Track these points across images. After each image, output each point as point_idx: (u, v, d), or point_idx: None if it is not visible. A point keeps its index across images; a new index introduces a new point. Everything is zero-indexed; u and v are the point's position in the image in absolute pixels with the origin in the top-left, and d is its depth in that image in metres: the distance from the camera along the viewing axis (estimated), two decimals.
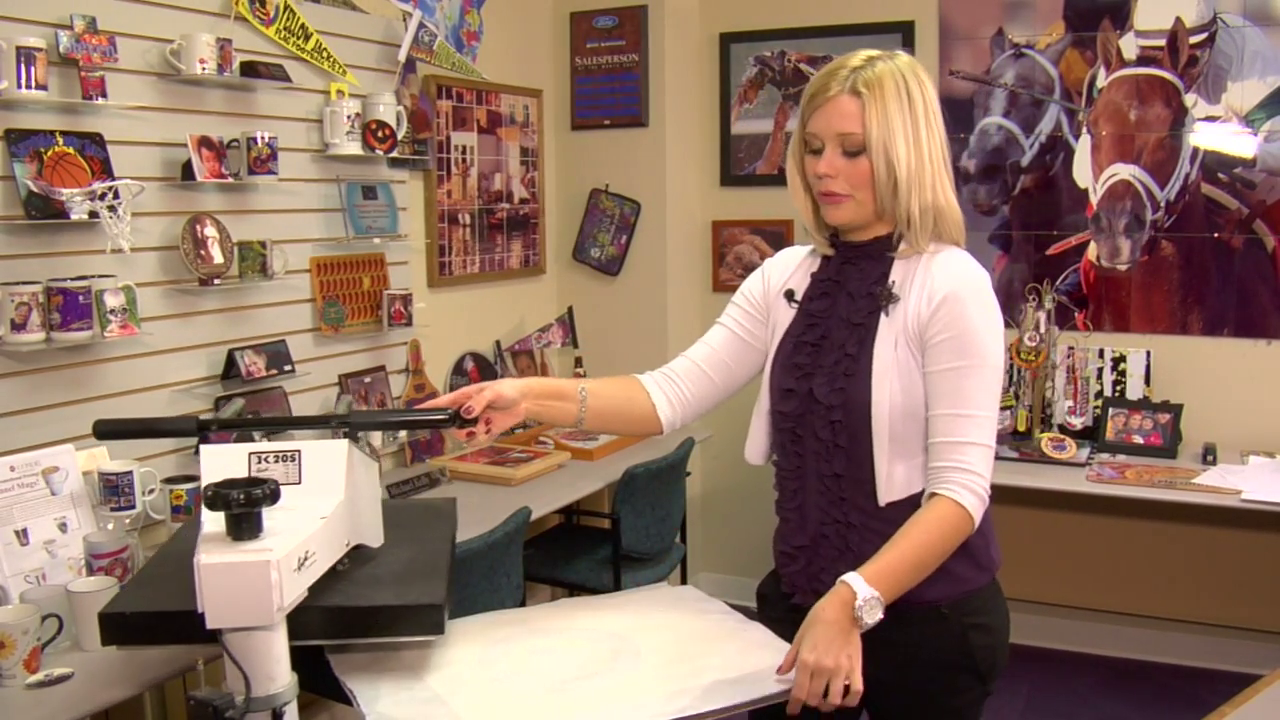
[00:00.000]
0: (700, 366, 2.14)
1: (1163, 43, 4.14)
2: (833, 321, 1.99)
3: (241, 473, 1.58)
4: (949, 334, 1.86)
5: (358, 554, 1.71)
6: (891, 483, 1.90)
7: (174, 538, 1.87)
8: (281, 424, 2.44)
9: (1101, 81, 4.25)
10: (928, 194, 1.89)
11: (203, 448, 1.61)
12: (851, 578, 1.74)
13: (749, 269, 4.88)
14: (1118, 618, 4.46)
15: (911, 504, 1.88)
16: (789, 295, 2.07)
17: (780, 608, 2.05)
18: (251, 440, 2.18)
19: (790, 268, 2.12)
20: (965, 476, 1.83)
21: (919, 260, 1.93)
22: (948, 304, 1.86)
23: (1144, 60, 4.19)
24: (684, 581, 4.47)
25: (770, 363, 2.07)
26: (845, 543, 1.94)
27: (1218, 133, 4.11)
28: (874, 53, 1.93)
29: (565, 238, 4.95)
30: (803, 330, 2.02)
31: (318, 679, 1.78)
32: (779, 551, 2.08)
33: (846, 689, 1.67)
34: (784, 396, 2.01)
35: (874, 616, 1.72)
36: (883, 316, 1.92)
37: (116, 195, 2.76)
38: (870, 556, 1.79)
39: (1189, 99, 4.13)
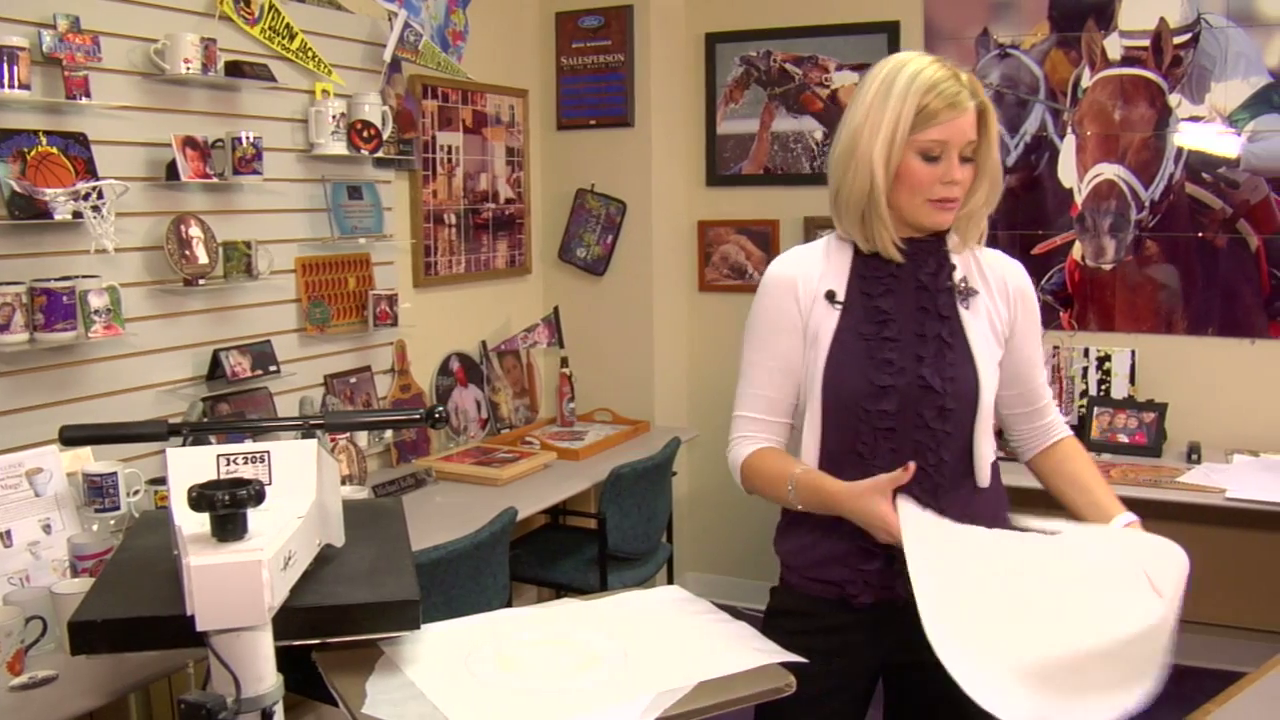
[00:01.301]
0: (772, 420, 2.15)
1: (1147, 43, 4.15)
2: (908, 315, 2.03)
3: (210, 475, 1.57)
4: (1032, 319, 2.12)
5: (321, 554, 1.71)
6: (987, 463, 2.06)
7: (122, 546, 1.85)
8: (252, 426, 2.42)
9: (1086, 81, 4.26)
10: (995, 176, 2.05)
11: (169, 451, 1.61)
12: (1125, 518, 2.06)
13: (735, 269, 4.93)
14: None
15: (995, 475, 2.10)
16: (830, 296, 2.05)
17: (821, 617, 2.06)
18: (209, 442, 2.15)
19: (815, 270, 2.08)
20: (1061, 418, 2.22)
21: (968, 254, 2.09)
22: (1024, 296, 2.11)
23: (1128, 60, 4.20)
24: (670, 581, 4.47)
25: (823, 368, 2.02)
26: None
27: (1202, 133, 4.13)
28: (931, 56, 2.01)
29: (551, 238, 4.94)
30: (877, 329, 2.01)
31: (301, 680, 1.78)
32: (849, 550, 2.02)
33: None
34: (880, 394, 1.98)
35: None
36: (962, 309, 2.04)
37: (100, 195, 2.75)
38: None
39: (1173, 99, 4.14)
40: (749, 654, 1.78)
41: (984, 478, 2.04)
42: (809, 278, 2.07)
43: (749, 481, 2.14)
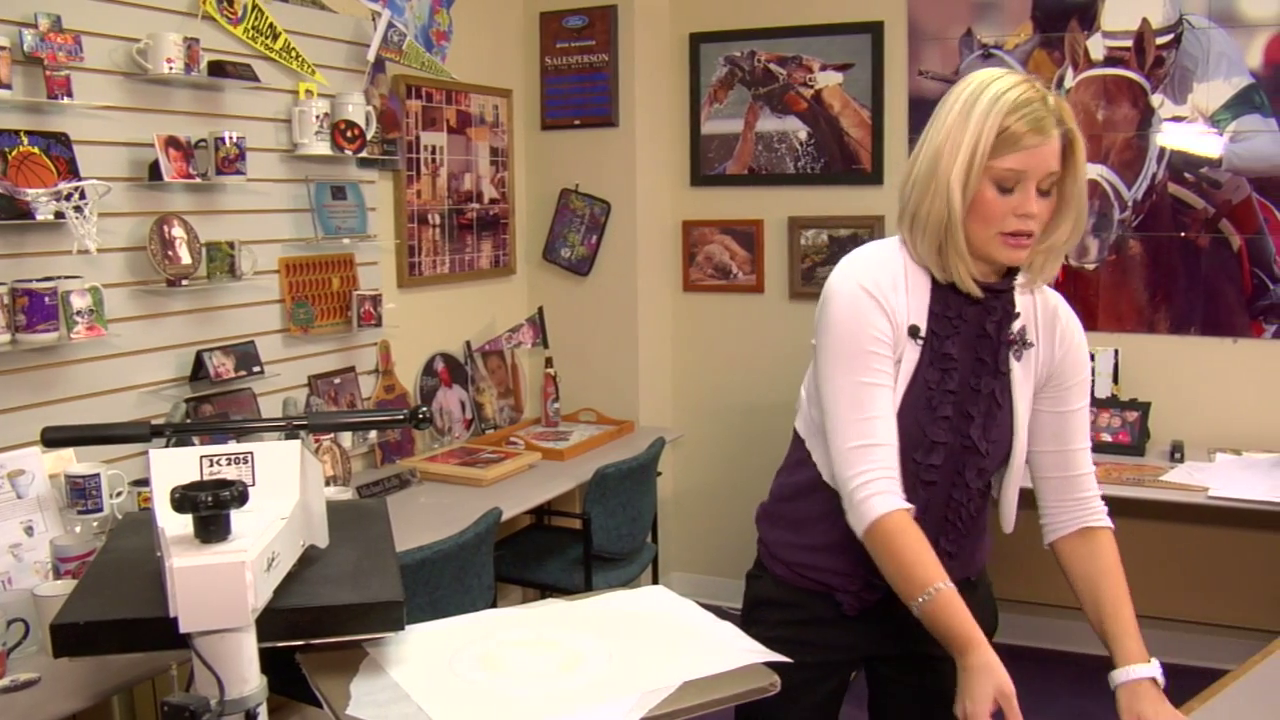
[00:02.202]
0: (893, 445, 1.89)
1: (1129, 44, 4.17)
2: (967, 365, 1.93)
3: (193, 476, 1.57)
4: (1080, 378, 2.00)
5: (305, 555, 1.70)
6: (1012, 512, 2.04)
7: (105, 547, 1.84)
8: (235, 427, 2.41)
9: (1069, 82, 4.28)
10: (1081, 210, 1.91)
11: (152, 452, 1.60)
12: (1149, 670, 1.86)
13: (719, 269, 4.93)
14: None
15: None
16: (914, 331, 1.92)
17: (805, 608, 2.07)
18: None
19: (900, 289, 1.92)
20: (1101, 503, 2.02)
21: (1032, 299, 1.97)
22: (1077, 351, 1.99)
23: (1111, 61, 4.21)
24: (655, 581, 4.47)
25: (900, 404, 1.91)
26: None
27: (1184, 133, 4.14)
28: (1018, 74, 1.86)
29: (535, 238, 4.94)
30: (940, 377, 1.92)
31: (285, 681, 1.77)
32: (847, 569, 2.01)
33: None
34: (931, 449, 1.93)
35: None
36: (1014, 360, 1.95)
37: (83, 195, 2.74)
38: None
39: (1155, 99, 4.16)
40: (734, 654, 1.78)
41: (1009, 526, 2.07)
42: (896, 300, 1.91)
43: (877, 546, 1.86)
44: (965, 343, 1.92)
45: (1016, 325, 1.94)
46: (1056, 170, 1.83)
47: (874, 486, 1.85)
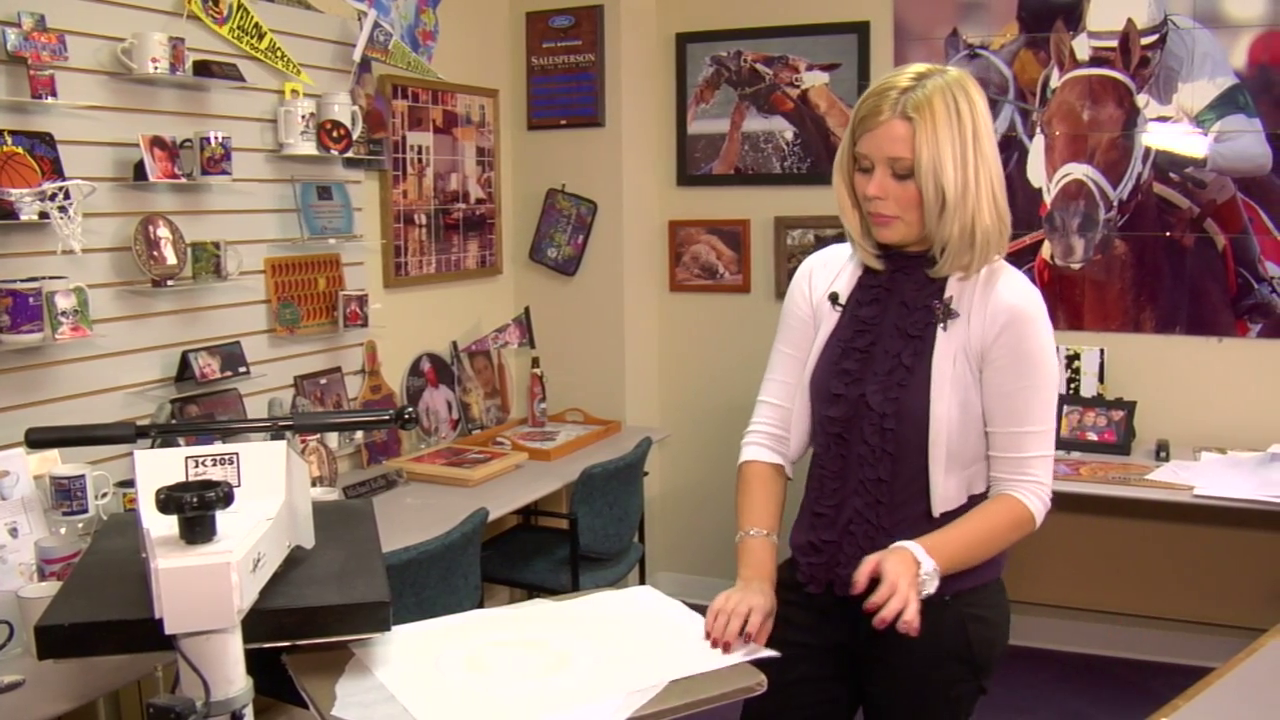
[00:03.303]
0: (787, 407, 2.16)
1: (1115, 44, 4.18)
2: (884, 329, 2.02)
3: (178, 477, 1.56)
4: (1013, 356, 1.94)
5: (290, 556, 1.70)
6: (946, 494, 1.98)
7: (90, 549, 1.84)
8: (221, 428, 2.40)
9: (1055, 82, 4.29)
10: (969, 217, 1.90)
11: (137, 453, 1.60)
12: (911, 545, 1.84)
13: (706, 269, 4.93)
14: (1073, 613, 4.50)
15: (963, 512, 1.99)
16: (833, 298, 2.10)
17: (795, 594, 2.10)
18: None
19: (834, 269, 2.13)
20: (1031, 486, 1.97)
21: (975, 277, 1.98)
22: (1012, 327, 1.93)
23: (1096, 61, 4.22)
24: (642, 581, 4.47)
25: (813, 365, 2.09)
26: (873, 544, 1.97)
27: (1169, 133, 4.16)
28: (923, 69, 1.93)
29: (522, 238, 4.94)
30: (851, 336, 2.05)
31: (272, 682, 1.77)
32: (804, 542, 2.11)
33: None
34: (831, 401, 2.04)
35: (931, 588, 1.82)
36: (940, 330, 1.97)
37: (67, 195, 2.73)
38: None
39: (1141, 99, 4.17)
40: (720, 653, 1.79)
41: (937, 508, 1.99)
42: (825, 276, 2.13)
43: (736, 485, 2.18)
44: (886, 310, 2.03)
45: (945, 295, 1.98)
46: (902, 156, 1.89)
47: (750, 437, 2.19)
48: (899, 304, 2.02)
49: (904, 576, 1.77)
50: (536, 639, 1.85)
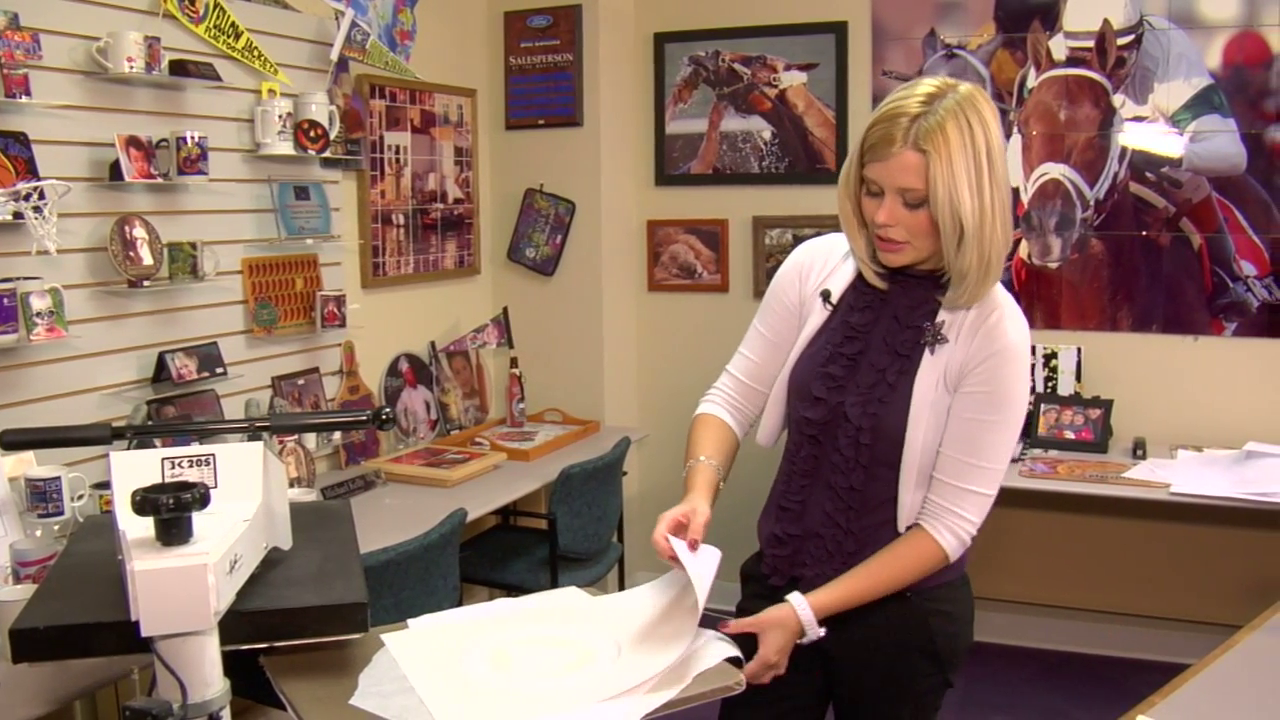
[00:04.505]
0: (749, 384, 2.18)
1: (1091, 44, 4.20)
2: (873, 341, 2.00)
3: (155, 478, 1.55)
4: (985, 389, 1.90)
5: (268, 557, 1.69)
6: (914, 508, 1.98)
7: (66, 551, 1.83)
8: (197, 429, 2.39)
9: (1032, 82, 4.31)
10: (986, 245, 1.84)
11: (112, 454, 1.59)
12: (798, 603, 1.91)
13: (684, 268, 4.93)
14: (1051, 610, 4.52)
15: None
16: (825, 295, 2.07)
17: (761, 586, 2.13)
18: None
19: (830, 263, 2.10)
20: (957, 521, 1.93)
21: (973, 309, 1.93)
22: (995, 360, 1.89)
23: (1073, 61, 4.24)
24: (621, 582, 4.47)
25: (795, 361, 2.08)
26: (839, 546, 2.01)
27: (1145, 133, 4.18)
28: (933, 88, 1.85)
29: (500, 238, 4.93)
30: (840, 341, 2.02)
31: (249, 684, 1.76)
32: (770, 533, 2.13)
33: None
34: (811, 403, 2.03)
35: (812, 637, 1.92)
36: (927, 352, 1.94)
37: (42, 196, 2.71)
38: (860, 563, 1.97)
39: (1117, 99, 4.19)
40: (710, 651, 1.79)
41: (903, 521, 1.97)
42: (821, 269, 2.10)
43: (689, 432, 2.23)
44: (879, 321, 2.00)
45: (937, 319, 1.94)
46: (915, 187, 1.83)
47: (709, 396, 2.23)
48: (891, 317, 1.99)
49: (782, 652, 1.91)
50: (563, 636, 1.85)
